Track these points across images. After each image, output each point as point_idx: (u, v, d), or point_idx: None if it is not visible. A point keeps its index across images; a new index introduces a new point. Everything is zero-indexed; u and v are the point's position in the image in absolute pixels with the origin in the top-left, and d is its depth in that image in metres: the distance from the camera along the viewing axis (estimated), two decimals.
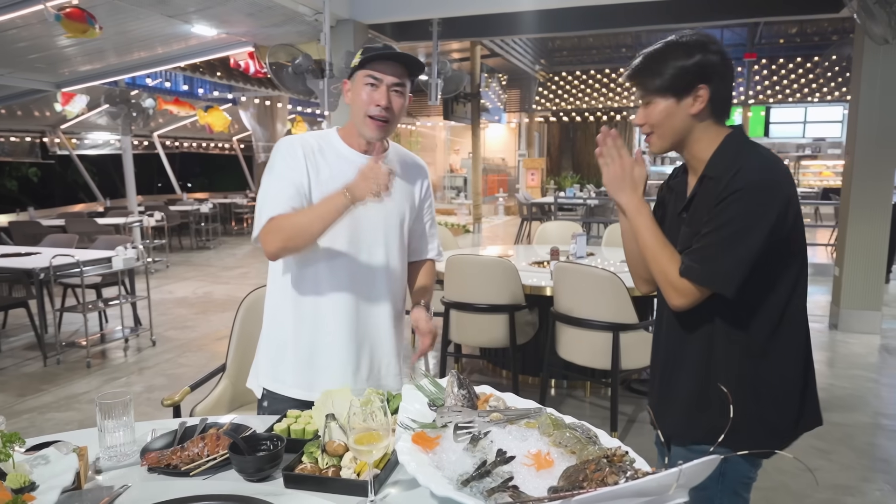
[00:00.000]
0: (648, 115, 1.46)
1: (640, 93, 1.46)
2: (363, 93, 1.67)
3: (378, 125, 1.68)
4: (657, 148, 1.50)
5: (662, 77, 1.42)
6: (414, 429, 1.31)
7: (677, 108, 1.43)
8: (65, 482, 1.14)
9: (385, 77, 1.66)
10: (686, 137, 1.47)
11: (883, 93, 5.44)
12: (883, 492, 2.97)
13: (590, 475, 0.98)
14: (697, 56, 1.40)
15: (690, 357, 1.49)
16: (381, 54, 1.65)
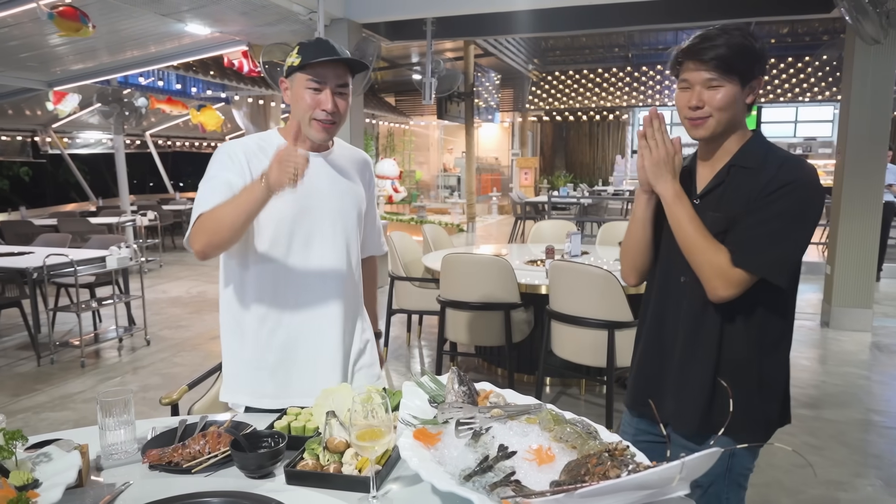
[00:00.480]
0: (712, 98, 1.41)
1: (711, 73, 1.39)
2: (306, 96, 1.62)
3: (324, 127, 1.66)
4: (705, 133, 1.45)
5: (741, 58, 1.39)
6: (415, 425, 1.32)
7: (740, 96, 1.42)
8: (68, 479, 1.14)
9: (328, 82, 1.62)
10: (733, 126, 1.46)
11: (874, 92, 5.49)
12: (875, 487, 3.00)
13: (591, 469, 0.99)
14: (758, 43, 1.41)
15: (708, 352, 1.48)
16: (319, 56, 1.59)
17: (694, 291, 1.48)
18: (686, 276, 1.50)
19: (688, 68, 1.43)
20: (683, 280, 1.51)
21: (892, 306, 6.74)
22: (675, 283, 1.53)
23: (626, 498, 0.93)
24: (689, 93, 1.43)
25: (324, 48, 1.62)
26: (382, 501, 1.25)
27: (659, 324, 1.59)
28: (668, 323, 1.56)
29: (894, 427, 3.71)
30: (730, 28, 1.40)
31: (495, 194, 17.10)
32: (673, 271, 1.54)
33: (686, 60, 1.43)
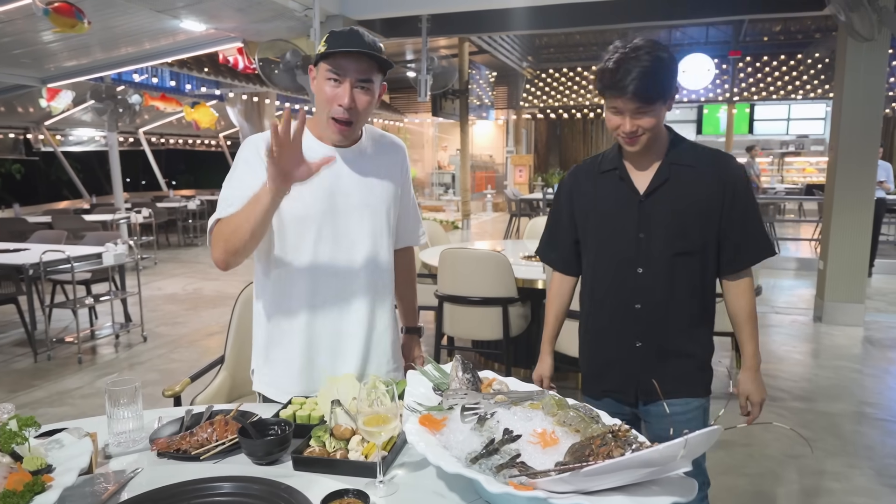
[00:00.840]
0: (643, 122, 1.57)
1: (641, 104, 1.53)
2: (326, 87, 1.54)
3: (340, 129, 1.58)
4: (640, 147, 1.62)
5: (661, 87, 1.54)
6: (421, 411, 1.34)
7: (663, 111, 1.59)
8: (81, 464, 1.16)
9: (348, 75, 1.52)
10: (658, 134, 1.65)
11: (866, 89, 5.55)
12: (867, 477, 3.05)
13: (596, 450, 1.02)
14: (675, 63, 1.58)
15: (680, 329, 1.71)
16: (342, 47, 1.50)
17: (652, 278, 1.67)
18: (642, 266, 1.67)
19: (614, 99, 1.56)
20: (641, 271, 1.68)
21: (883, 301, 6.81)
22: (632, 273, 1.68)
23: (629, 476, 0.96)
24: (619, 118, 1.58)
25: (351, 39, 1.52)
26: (389, 486, 1.27)
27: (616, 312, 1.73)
28: (629, 309, 1.70)
29: (886, 419, 3.76)
30: (641, 52, 1.51)
31: (490, 191, 17.14)
32: (627, 263, 1.69)
33: (610, 93, 1.56)
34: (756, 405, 1.73)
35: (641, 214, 1.66)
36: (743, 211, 1.66)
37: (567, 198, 1.83)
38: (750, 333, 1.73)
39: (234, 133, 14.57)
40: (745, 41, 15.52)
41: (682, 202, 1.63)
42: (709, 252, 1.67)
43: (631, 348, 1.72)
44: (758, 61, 15.61)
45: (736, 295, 1.72)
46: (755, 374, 1.74)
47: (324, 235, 1.65)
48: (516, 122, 18.29)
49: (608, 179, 1.72)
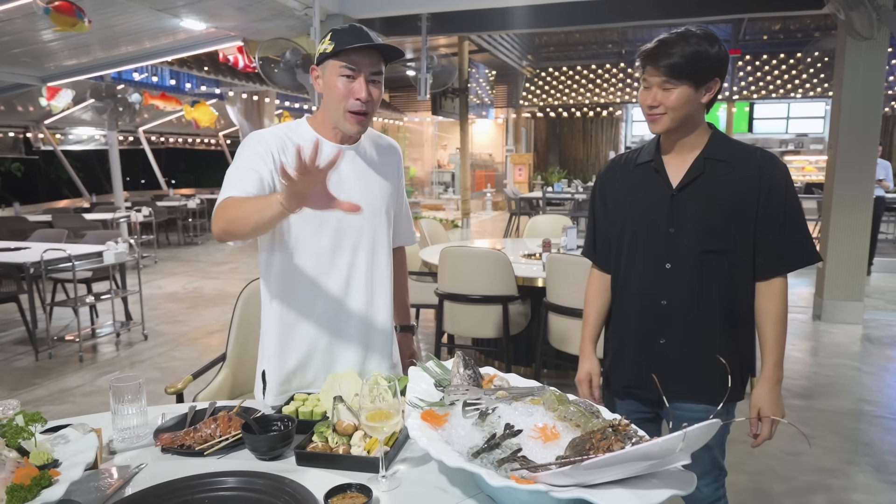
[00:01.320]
0: (666, 98, 1.55)
1: (663, 77, 1.53)
2: (339, 84, 1.57)
3: (358, 119, 1.61)
4: (662, 128, 1.60)
5: (692, 65, 1.52)
6: (422, 407, 1.36)
7: (694, 96, 1.55)
8: (87, 459, 1.18)
9: (362, 69, 1.56)
10: (690, 123, 1.60)
11: (865, 87, 5.56)
12: (865, 473, 3.07)
13: (596, 444, 1.04)
14: (717, 48, 1.54)
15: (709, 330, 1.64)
16: (355, 42, 1.53)
17: (680, 275, 1.63)
18: (671, 262, 1.64)
19: (648, 70, 1.56)
20: (669, 267, 1.64)
21: (882, 300, 6.83)
22: (660, 269, 1.65)
23: (629, 469, 0.97)
24: (648, 92, 1.58)
25: (358, 34, 1.56)
26: (391, 480, 1.28)
27: (642, 307, 1.70)
28: (657, 308, 1.67)
29: (884, 416, 3.78)
30: (689, 34, 1.52)
31: (489, 190, 17.15)
32: (655, 258, 1.66)
33: (645, 63, 1.57)
34: (767, 421, 1.63)
35: (672, 209, 1.63)
36: (782, 211, 1.58)
37: (601, 191, 1.82)
38: (774, 341, 1.64)
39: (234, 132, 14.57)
40: (744, 40, 15.52)
41: (715, 198, 1.59)
42: (741, 252, 1.61)
43: (654, 345, 1.68)
44: (757, 60, 15.62)
45: (765, 296, 1.64)
46: (773, 387, 1.64)
47: (324, 233, 1.67)
48: (516, 120, 18.30)
49: (643, 171, 1.70)
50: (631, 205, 1.71)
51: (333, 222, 1.66)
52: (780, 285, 1.64)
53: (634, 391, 1.76)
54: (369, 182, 1.72)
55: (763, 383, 1.65)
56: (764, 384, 1.64)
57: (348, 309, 1.72)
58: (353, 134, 1.66)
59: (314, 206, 1.30)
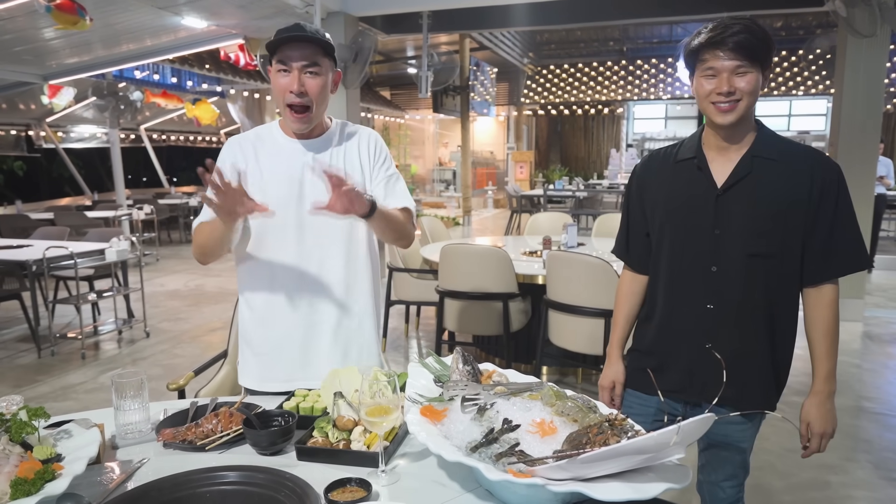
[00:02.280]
0: (747, 82, 1.46)
1: (738, 61, 1.44)
2: (277, 80, 1.63)
3: (296, 115, 1.64)
4: (735, 117, 1.49)
5: (763, 46, 1.45)
6: (422, 402, 1.37)
7: (760, 83, 1.48)
8: (90, 453, 1.19)
9: (293, 62, 1.60)
10: (751, 114, 1.52)
11: (866, 85, 5.56)
12: (865, 470, 3.08)
13: (592, 438, 1.05)
14: (769, 36, 1.47)
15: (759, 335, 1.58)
16: (282, 38, 1.59)
17: (726, 278, 1.56)
18: (717, 265, 1.56)
19: (715, 56, 1.45)
20: (715, 270, 1.57)
21: (884, 297, 6.83)
22: (706, 272, 1.57)
23: (625, 463, 0.98)
24: (715, 80, 1.47)
25: (292, 30, 1.60)
26: (391, 475, 1.30)
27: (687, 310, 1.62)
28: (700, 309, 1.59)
29: (884, 413, 3.79)
30: (740, 17, 1.46)
31: (491, 188, 17.15)
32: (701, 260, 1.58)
33: (710, 50, 1.46)
34: (817, 436, 1.59)
35: (718, 209, 1.54)
36: (832, 214, 1.50)
37: (637, 189, 1.72)
38: (825, 351, 1.57)
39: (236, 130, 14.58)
40: None
41: (764, 199, 1.51)
42: (790, 256, 1.53)
43: (700, 349, 1.59)
44: None
45: (814, 305, 1.56)
46: (823, 401, 1.58)
47: (289, 225, 1.71)
48: (517, 118, 18.29)
49: (684, 169, 1.61)
50: (672, 204, 1.62)
51: (295, 215, 1.70)
52: (831, 293, 1.56)
53: (672, 394, 1.68)
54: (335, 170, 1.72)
55: (813, 397, 1.60)
56: (814, 398, 1.60)
57: (319, 301, 1.76)
58: (296, 130, 1.71)
59: (244, 214, 1.50)
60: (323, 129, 1.77)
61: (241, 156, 1.75)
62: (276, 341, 1.80)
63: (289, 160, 1.72)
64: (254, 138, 1.78)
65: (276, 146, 1.75)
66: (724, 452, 1.70)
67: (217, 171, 1.41)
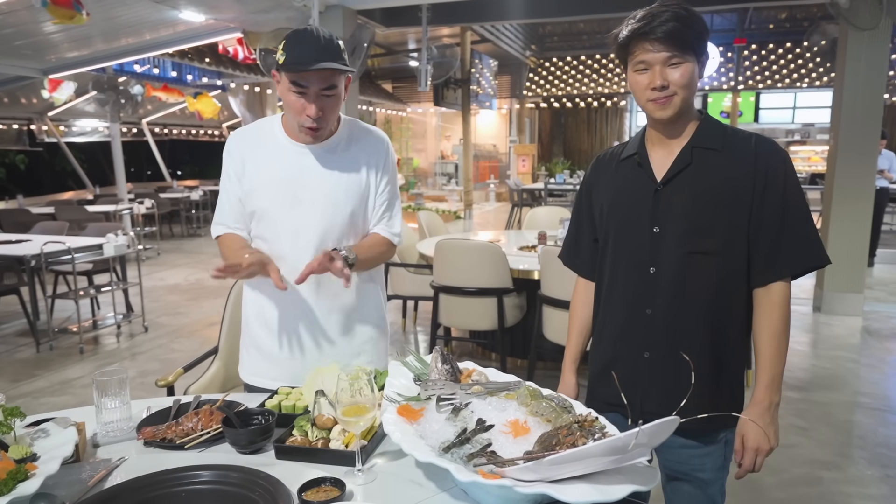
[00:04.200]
0: (675, 74, 1.36)
1: (668, 52, 1.34)
2: (292, 98, 1.57)
3: (312, 134, 1.63)
4: (672, 111, 1.39)
5: (695, 33, 1.35)
6: (399, 402, 1.37)
7: (696, 73, 1.38)
8: (65, 453, 1.19)
9: (311, 87, 1.54)
10: (690, 106, 1.43)
11: (867, 78, 5.51)
12: (858, 466, 3.07)
13: (562, 439, 1.05)
14: (703, 22, 1.38)
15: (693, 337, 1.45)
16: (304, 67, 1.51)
17: (665, 280, 1.45)
18: (655, 266, 1.46)
19: (643, 49, 1.36)
20: (653, 271, 1.46)
21: (884, 291, 6.80)
22: (645, 274, 1.47)
23: (592, 464, 0.98)
24: (648, 74, 1.38)
25: (307, 50, 1.52)
26: (367, 474, 1.30)
27: (626, 316, 1.52)
28: (642, 318, 1.49)
29: (880, 408, 3.77)
30: (669, 4, 1.36)
31: (493, 181, 17.12)
32: (639, 261, 1.48)
33: (639, 42, 1.37)
34: (751, 451, 1.43)
35: (656, 205, 1.44)
36: (781, 207, 1.38)
37: (586, 192, 1.63)
38: (770, 357, 1.42)
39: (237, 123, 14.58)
40: (750, 29, 15.39)
41: (704, 193, 1.40)
42: (734, 253, 1.41)
43: (638, 359, 1.49)
44: (763, 49, 15.49)
45: (761, 306, 1.44)
46: (762, 412, 1.41)
47: (284, 227, 1.71)
48: (519, 111, 18.24)
49: (626, 167, 1.52)
50: (614, 204, 1.52)
51: (289, 217, 1.70)
52: (781, 292, 1.42)
53: (618, 409, 1.52)
54: (335, 176, 1.71)
55: (752, 407, 1.43)
56: (753, 409, 1.43)
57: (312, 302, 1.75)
58: (307, 143, 1.69)
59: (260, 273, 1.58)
60: (331, 132, 1.72)
61: (238, 154, 1.73)
62: (279, 340, 1.79)
63: (287, 162, 1.69)
64: (255, 134, 1.75)
65: (276, 146, 1.71)
66: (685, 487, 1.54)
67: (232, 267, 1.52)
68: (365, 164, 1.75)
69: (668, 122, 1.43)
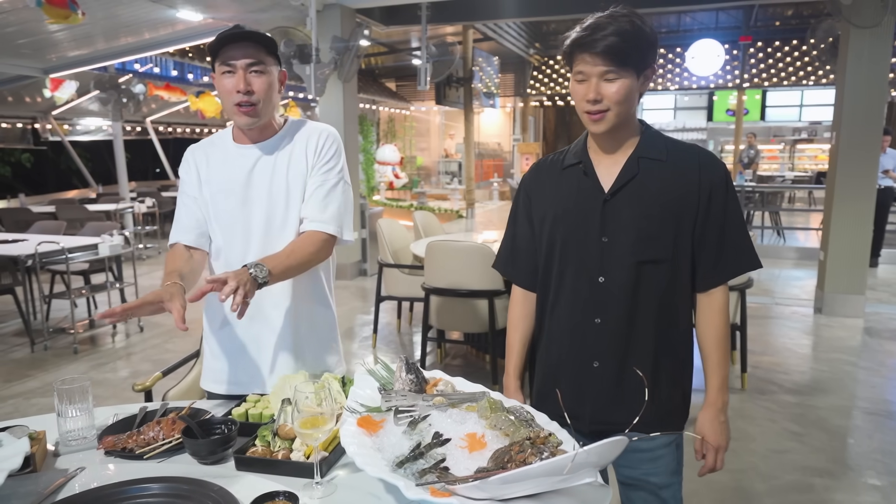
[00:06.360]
0: (609, 90, 1.35)
1: (605, 66, 1.33)
2: (223, 81, 1.62)
3: (244, 111, 1.63)
4: (605, 127, 1.40)
5: (633, 47, 1.33)
6: (361, 413, 1.34)
7: (635, 86, 1.38)
8: (13, 465, 1.17)
9: (237, 62, 1.60)
10: (629, 118, 1.43)
11: (869, 75, 5.44)
12: (852, 473, 3.02)
13: (514, 456, 1.02)
14: (650, 28, 1.37)
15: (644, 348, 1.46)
16: (223, 38, 1.60)
17: (615, 289, 1.44)
18: (604, 275, 1.45)
19: (583, 60, 1.36)
20: (602, 280, 1.45)
21: (888, 292, 6.72)
22: (593, 283, 1.46)
23: (539, 484, 0.95)
24: (585, 85, 1.37)
25: (233, 32, 1.61)
26: (327, 487, 1.27)
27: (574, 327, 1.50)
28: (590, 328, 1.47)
29: (877, 413, 3.72)
30: (618, 15, 1.34)
31: (496, 180, 17.07)
32: (588, 271, 1.47)
33: (579, 52, 1.36)
34: (713, 450, 1.48)
35: (605, 215, 1.44)
36: (721, 216, 1.44)
37: (525, 199, 1.60)
38: (716, 363, 1.47)
39: None
40: (755, 26, 15.27)
41: (652, 202, 1.42)
42: (681, 261, 1.44)
43: (588, 369, 1.47)
44: (769, 46, 15.35)
45: (704, 310, 1.49)
46: (717, 413, 1.48)
47: (237, 232, 1.72)
48: (523, 109, 18.16)
49: (571, 175, 1.51)
50: (559, 212, 1.50)
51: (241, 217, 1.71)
52: (721, 297, 1.48)
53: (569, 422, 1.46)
54: (279, 172, 1.71)
55: (707, 409, 1.49)
56: (708, 410, 1.48)
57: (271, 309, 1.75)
58: (245, 126, 1.68)
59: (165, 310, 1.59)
60: (274, 131, 1.74)
61: (193, 165, 1.77)
62: (234, 345, 1.80)
63: (235, 166, 1.72)
64: (207, 146, 1.79)
65: (224, 153, 1.75)
66: (640, 494, 1.53)
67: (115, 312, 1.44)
68: (303, 153, 1.73)
69: (606, 134, 1.44)
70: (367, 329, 5.27)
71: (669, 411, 1.48)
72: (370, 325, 5.12)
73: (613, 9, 1.36)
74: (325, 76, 6.09)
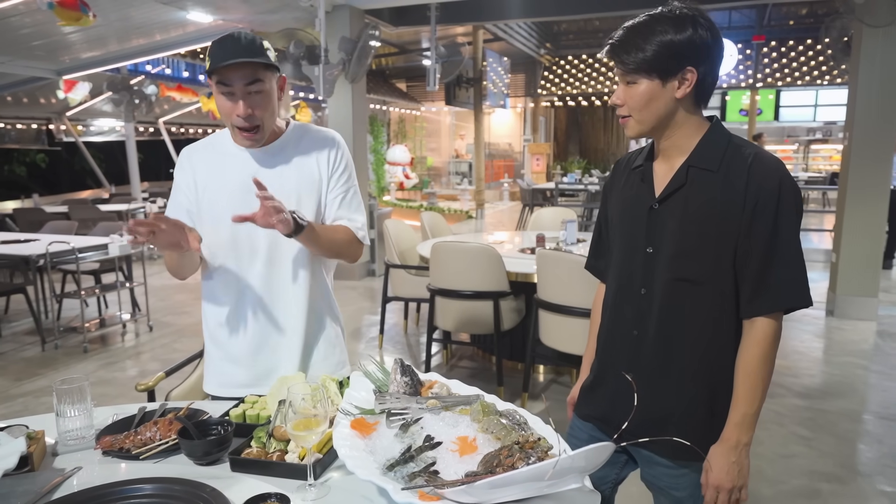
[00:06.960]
0: (630, 95, 1.32)
1: (621, 71, 1.31)
2: (222, 101, 1.58)
3: (247, 136, 1.62)
4: (634, 132, 1.36)
5: (647, 54, 1.28)
6: (355, 415, 1.34)
7: (662, 91, 1.30)
8: (8, 465, 1.18)
9: (235, 84, 1.54)
10: (667, 123, 1.35)
11: (882, 75, 5.37)
12: (860, 479, 2.98)
13: (503, 460, 1.01)
14: (688, 32, 1.27)
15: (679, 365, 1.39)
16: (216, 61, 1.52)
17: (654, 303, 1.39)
18: (646, 287, 1.40)
19: (615, 64, 1.34)
20: (644, 292, 1.41)
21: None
22: (635, 294, 1.43)
23: (526, 489, 0.94)
24: (617, 89, 1.37)
25: (226, 50, 1.52)
26: (320, 489, 1.27)
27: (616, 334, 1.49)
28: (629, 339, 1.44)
29: (888, 417, 3.66)
30: (656, 18, 1.29)
31: (507, 180, 17.04)
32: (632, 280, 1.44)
33: (610, 57, 1.34)
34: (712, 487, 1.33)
35: (650, 224, 1.38)
36: (766, 235, 1.27)
37: (606, 198, 1.58)
38: (744, 395, 1.32)
39: None
40: (769, 25, 15.12)
41: (693, 217, 1.32)
42: (722, 283, 1.32)
43: (619, 377, 1.42)
44: (783, 46, 15.20)
45: (743, 339, 1.34)
46: (730, 450, 1.32)
47: (239, 236, 1.70)
48: (534, 109, 18.11)
49: (635, 177, 1.46)
50: (618, 216, 1.48)
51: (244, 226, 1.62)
52: (764, 329, 1.31)
53: (597, 423, 1.54)
54: (282, 178, 1.69)
55: (719, 444, 1.34)
56: (720, 445, 1.33)
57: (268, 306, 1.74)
58: (247, 147, 1.68)
59: (185, 246, 1.53)
60: (276, 135, 1.71)
61: (189, 167, 1.75)
62: (233, 347, 1.80)
63: (235, 170, 1.70)
64: (204, 148, 1.77)
65: (224, 156, 1.72)
66: (662, 499, 1.51)
67: (144, 221, 1.46)
68: (315, 161, 1.73)
69: (651, 138, 1.40)
70: (374, 329, 5.28)
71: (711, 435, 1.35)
72: (377, 326, 5.12)
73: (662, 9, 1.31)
74: (333, 77, 6.11)
